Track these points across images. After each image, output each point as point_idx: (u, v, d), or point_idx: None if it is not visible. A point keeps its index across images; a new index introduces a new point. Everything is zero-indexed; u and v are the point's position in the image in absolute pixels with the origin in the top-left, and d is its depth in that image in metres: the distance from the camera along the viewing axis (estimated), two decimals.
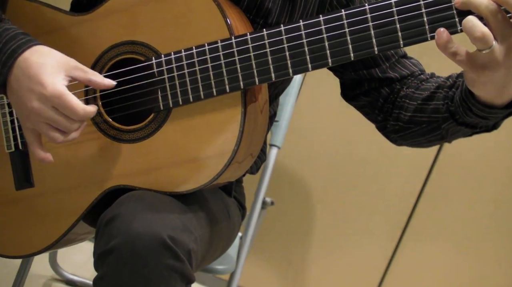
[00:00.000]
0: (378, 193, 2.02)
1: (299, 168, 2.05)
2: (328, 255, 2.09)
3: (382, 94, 1.12)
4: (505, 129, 1.05)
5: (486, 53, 0.80)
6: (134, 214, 0.88)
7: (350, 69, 1.13)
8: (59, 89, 0.91)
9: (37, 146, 0.98)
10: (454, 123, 0.99)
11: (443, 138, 1.05)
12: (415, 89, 1.08)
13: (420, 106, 1.06)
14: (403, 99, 1.09)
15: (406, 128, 1.08)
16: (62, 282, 1.92)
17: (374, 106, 1.14)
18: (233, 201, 1.28)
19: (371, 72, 1.12)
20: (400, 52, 1.13)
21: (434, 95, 1.04)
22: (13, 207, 1.09)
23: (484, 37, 0.79)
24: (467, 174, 1.95)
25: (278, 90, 1.23)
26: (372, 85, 1.13)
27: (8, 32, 0.96)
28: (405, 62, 1.13)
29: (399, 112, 1.09)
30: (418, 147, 1.12)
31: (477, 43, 0.80)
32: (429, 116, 1.04)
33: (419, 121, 1.06)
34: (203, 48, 0.94)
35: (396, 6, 0.86)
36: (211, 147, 0.95)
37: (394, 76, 1.11)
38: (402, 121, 1.08)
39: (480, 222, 1.98)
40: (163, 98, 0.97)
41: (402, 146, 1.14)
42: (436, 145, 1.09)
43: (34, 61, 0.92)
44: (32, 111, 0.93)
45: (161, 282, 0.86)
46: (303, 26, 0.90)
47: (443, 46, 0.82)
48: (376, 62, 1.11)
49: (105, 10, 1.02)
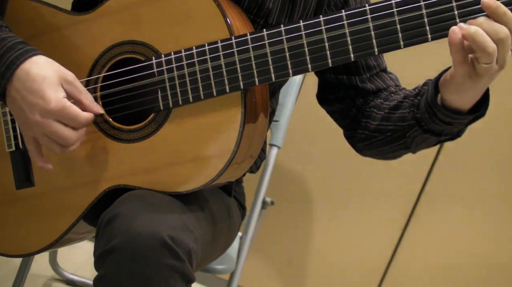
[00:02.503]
0: (378, 192, 2.02)
1: (299, 168, 2.05)
2: (328, 255, 2.09)
3: (356, 104, 1.14)
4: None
5: (486, 67, 0.83)
6: (134, 213, 0.88)
7: (330, 71, 1.14)
8: (62, 104, 0.92)
9: (37, 154, 1.00)
10: (419, 131, 1.00)
11: (407, 148, 1.06)
12: (384, 100, 1.10)
13: (387, 115, 1.07)
14: (372, 109, 1.10)
15: (371, 137, 1.10)
16: (62, 282, 1.92)
17: (345, 115, 1.15)
18: (233, 200, 1.28)
19: (350, 79, 1.13)
20: (382, 65, 1.15)
21: (400, 105, 1.06)
22: (13, 206, 1.09)
23: (494, 52, 0.82)
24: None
25: (274, 87, 1.23)
26: (348, 93, 1.14)
27: (6, 42, 0.96)
28: (384, 77, 1.15)
29: (366, 121, 1.10)
30: (381, 159, 1.14)
31: (485, 57, 0.82)
32: (394, 124, 1.05)
33: (384, 129, 1.07)
34: (203, 48, 0.94)
35: (397, 6, 0.86)
36: (211, 147, 0.95)
37: (371, 88, 1.13)
38: (368, 130, 1.10)
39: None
40: (163, 98, 0.97)
41: (366, 156, 1.16)
42: (400, 155, 1.11)
43: (35, 73, 0.93)
44: (35, 124, 0.94)
45: (161, 281, 0.86)
46: (304, 26, 0.90)
47: (457, 45, 0.83)
48: (357, 70, 1.13)
49: (105, 9, 1.02)
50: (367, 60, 1.13)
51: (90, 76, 1.03)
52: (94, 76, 1.03)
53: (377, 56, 1.14)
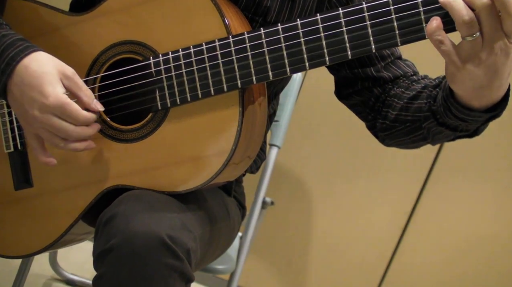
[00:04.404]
0: (378, 192, 2.02)
1: (299, 168, 2.05)
2: (328, 255, 2.09)
3: (374, 94, 1.13)
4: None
5: (470, 41, 0.80)
6: (133, 213, 0.88)
7: (345, 67, 1.13)
8: (61, 100, 0.93)
9: (41, 151, 1.00)
10: (434, 123, 0.99)
11: (425, 139, 1.06)
12: (405, 89, 1.09)
13: (406, 105, 1.06)
14: (392, 98, 1.09)
15: (391, 127, 1.09)
16: (62, 282, 1.92)
17: (365, 105, 1.14)
18: (233, 200, 1.28)
19: (365, 71, 1.12)
20: (396, 53, 1.14)
21: (419, 95, 1.05)
22: (12, 207, 1.09)
23: (471, 21, 0.79)
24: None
25: (277, 89, 1.23)
26: (365, 85, 1.13)
27: (6, 38, 0.96)
28: (400, 63, 1.14)
29: (387, 111, 1.10)
30: (404, 148, 1.13)
31: (463, 28, 0.80)
32: (412, 115, 1.04)
33: (403, 120, 1.06)
34: (201, 48, 0.94)
35: (394, 4, 0.86)
36: (209, 146, 0.95)
37: (387, 76, 1.12)
38: (388, 119, 1.09)
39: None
40: (161, 98, 0.97)
41: (390, 146, 1.15)
42: (421, 146, 1.10)
43: (34, 69, 0.93)
44: (34, 119, 0.94)
45: (160, 281, 0.86)
46: (301, 24, 0.90)
47: (432, 32, 0.82)
48: (371, 61, 1.12)
49: (103, 10, 1.02)
50: (381, 50, 1.11)
51: (88, 76, 1.03)
52: (92, 76, 1.03)
53: None
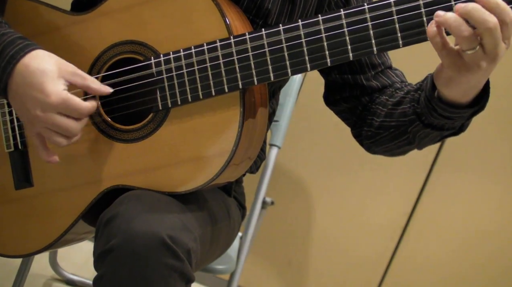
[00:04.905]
0: (378, 192, 2.02)
1: (299, 168, 2.05)
2: (328, 254, 2.09)
3: (362, 102, 1.13)
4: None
5: (471, 54, 0.81)
6: (133, 213, 0.88)
7: (335, 71, 1.14)
8: (62, 97, 0.92)
9: (43, 149, 1.00)
10: (420, 125, 1.00)
11: (411, 144, 1.06)
12: (389, 97, 1.10)
13: (390, 111, 1.07)
14: (377, 106, 1.10)
15: (376, 134, 1.10)
16: (62, 282, 1.92)
17: (352, 113, 1.15)
18: (233, 200, 1.28)
19: (355, 78, 1.12)
20: (387, 63, 1.14)
21: (402, 100, 1.05)
22: (12, 207, 1.09)
23: (471, 36, 0.79)
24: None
25: (275, 87, 1.23)
26: (353, 93, 1.13)
27: (6, 37, 0.96)
28: (389, 73, 1.14)
29: (372, 119, 1.10)
30: (390, 155, 1.13)
31: (464, 43, 0.80)
32: (396, 120, 1.05)
33: (387, 126, 1.07)
34: (202, 48, 0.94)
35: (395, 5, 0.86)
36: (209, 147, 0.95)
37: (376, 86, 1.12)
38: (373, 127, 1.10)
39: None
40: (161, 98, 0.97)
41: (376, 154, 1.15)
42: (407, 151, 1.10)
43: (34, 67, 0.93)
44: (37, 119, 0.94)
45: (160, 281, 0.86)
46: (302, 25, 0.90)
47: (434, 35, 0.82)
48: (362, 69, 1.12)
49: (104, 9, 1.02)
50: (371, 58, 1.12)
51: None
52: (93, 76, 1.02)
53: (381, 54, 1.13)
